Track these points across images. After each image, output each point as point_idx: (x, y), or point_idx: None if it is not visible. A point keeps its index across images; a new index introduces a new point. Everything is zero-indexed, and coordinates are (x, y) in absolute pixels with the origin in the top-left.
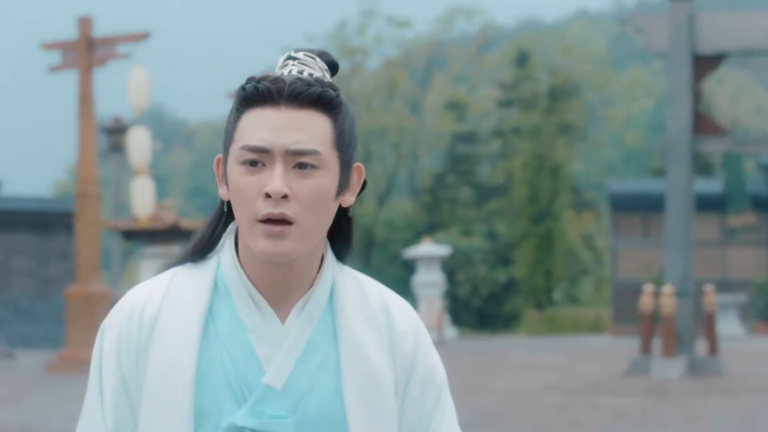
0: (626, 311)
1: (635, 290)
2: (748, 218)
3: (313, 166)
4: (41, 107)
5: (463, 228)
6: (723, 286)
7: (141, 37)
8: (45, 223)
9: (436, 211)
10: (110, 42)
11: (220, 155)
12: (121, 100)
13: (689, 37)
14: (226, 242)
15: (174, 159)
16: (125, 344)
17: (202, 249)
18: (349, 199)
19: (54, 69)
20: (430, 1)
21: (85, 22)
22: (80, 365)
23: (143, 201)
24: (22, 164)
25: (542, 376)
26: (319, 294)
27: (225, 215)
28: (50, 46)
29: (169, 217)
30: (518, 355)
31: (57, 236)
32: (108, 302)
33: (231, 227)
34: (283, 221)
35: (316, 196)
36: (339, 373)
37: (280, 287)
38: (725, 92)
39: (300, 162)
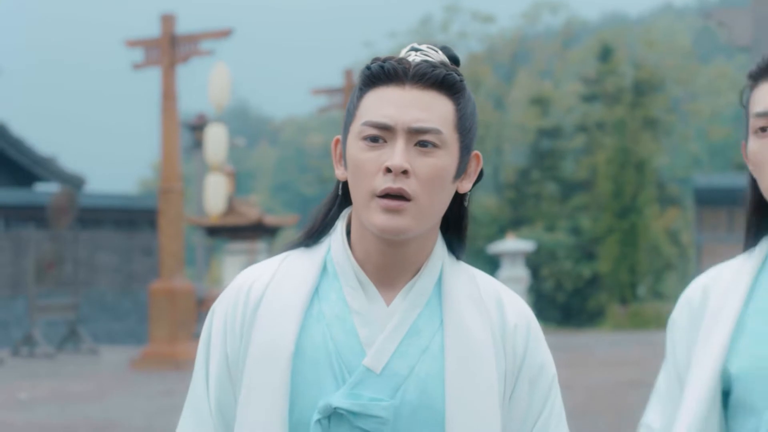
0: None
1: None
2: None
3: (434, 145)
4: (125, 104)
5: (547, 223)
6: None
7: (224, 33)
8: (129, 219)
9: (521, 206)
10: (193, 39)
11: (339, 136)
12: (206, 97)
13: None
14: (338, 225)
15: (259, 155)
16: (231, 323)
17: (316, 232)
18: (465, 186)
19: (137, 66)
20: None
21: (168, 20)
22: (163, 361)
23: (215, 197)
24: (106, 161)
25: (626, 372)
26: (426, 279)
27: (340, 198)
28: (133, 44)
29: (252, 214)
30: (603, 350)
31: (141, 233)
32: (192, 298)
33: (345, 212)
34: (401, 197)
35: (436, 175)
36: (442, 360)
37: (388, 270)
38: None
39: (421, 140)
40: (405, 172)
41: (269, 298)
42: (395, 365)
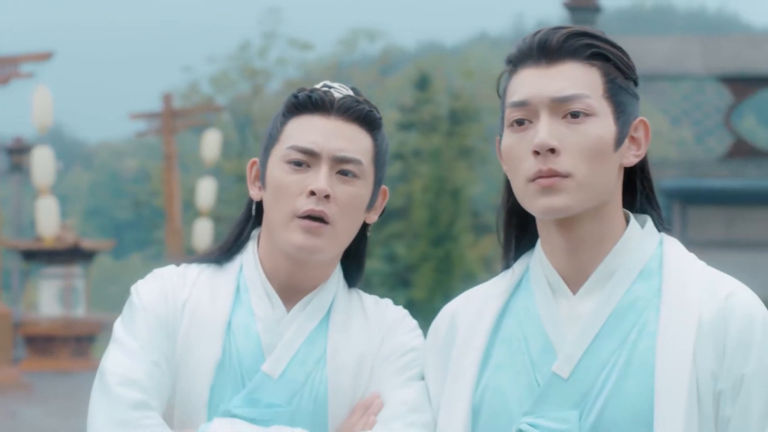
0: None
1: None
2: None
3: (354, 175)
4: None
5: None
6: None
7: (44, 56)
8: None
9: None
10: (12, 61)
11: (256, 158)
12: (22, 120)
13: None
14: (250, 245)
15: (73, 179)
16: (162, 307)
17: (228, 250)
18: (372, 217)
19: None
20: (333, 23)
21: None
22: None
23: (48, 221)
24: None
25: None
26: (324, 295)
27: (252, 218)
28: None
29: (69, 238)
30: None
31: None
32: (8, 322)
33: (255, 232)
34: (320, 220)
35: (354, 202)
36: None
37: (293, 287)
38: None
39: (343, 169)
40: (327, 197)
41: (192, 307)
42: (292, 372)
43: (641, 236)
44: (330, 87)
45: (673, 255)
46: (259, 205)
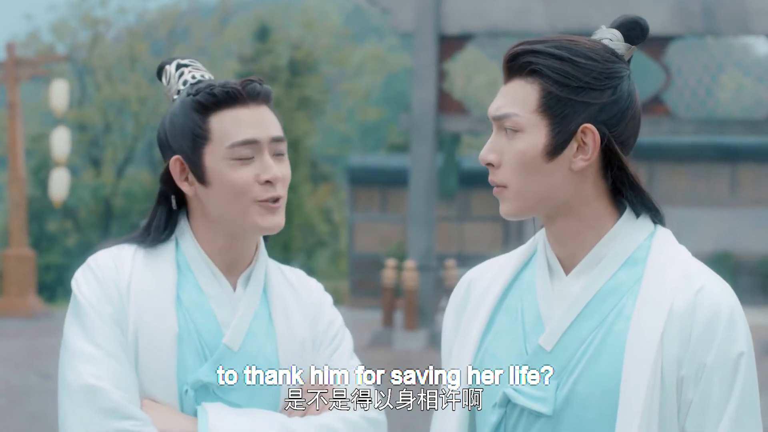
0: (363, 284)
1: (372, 263)
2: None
3: (283, 152)
4: None
5: None
6: (461, 260)
7: None
8: None
9: None
10: None
11: (178, 156)
12: None
13: (435, 17)
14: (185, 229)
15: None
16: (107, 293)
17: (162, 233)
18: None
19: None
20: None
21: None
22: None
23: None
24: None
25: None
26: (258, 270)
27: (175, 210)
28: None
29: None
30: None
31: None
32: None
33: (182, 219)
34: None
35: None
36: (275, 341)
37: (231, 262)
38: (459, 69)
39: (278, 150)
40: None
41: (137, 287)
42: (247, 344)
43: (632, 227)
44: (185, 65)
45: (660, 246)
46: (181, 196)
